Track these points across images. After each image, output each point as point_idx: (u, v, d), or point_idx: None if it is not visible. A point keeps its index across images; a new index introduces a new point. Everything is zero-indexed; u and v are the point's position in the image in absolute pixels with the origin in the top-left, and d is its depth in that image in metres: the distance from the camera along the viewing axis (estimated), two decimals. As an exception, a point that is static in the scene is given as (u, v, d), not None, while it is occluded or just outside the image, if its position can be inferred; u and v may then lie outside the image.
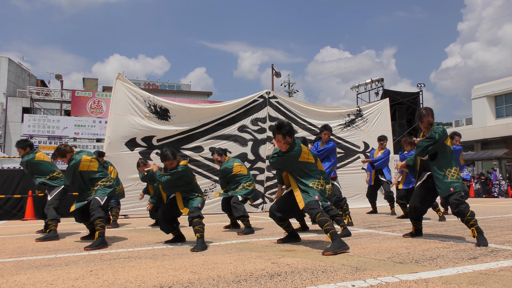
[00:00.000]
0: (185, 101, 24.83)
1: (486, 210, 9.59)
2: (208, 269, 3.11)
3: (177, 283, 2.66)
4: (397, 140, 19.30)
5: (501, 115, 26.32)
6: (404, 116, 25.03)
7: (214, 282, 2.68)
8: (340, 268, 3.02)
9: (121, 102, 8.51)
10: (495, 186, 19.13)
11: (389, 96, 19.58)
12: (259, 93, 9.95)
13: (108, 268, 3.25)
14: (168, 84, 42.80)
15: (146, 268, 3.19)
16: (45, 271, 3.19)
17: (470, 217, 4.06)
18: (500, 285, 2.48)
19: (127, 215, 8.76)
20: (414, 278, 2.66)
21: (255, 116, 9.76)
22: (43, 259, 3.78)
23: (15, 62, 30.07)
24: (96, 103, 25.15)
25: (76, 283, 2.74)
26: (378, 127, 11.12)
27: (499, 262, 3.16)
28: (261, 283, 2.61)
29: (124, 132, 8.36)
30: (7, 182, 9.11)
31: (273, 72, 31.11)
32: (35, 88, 29.76)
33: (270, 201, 9.77)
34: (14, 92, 28.36)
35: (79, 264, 3.46)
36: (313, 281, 2.63)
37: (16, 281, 2.84)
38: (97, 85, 34.86)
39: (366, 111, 11.21)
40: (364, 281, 2.61)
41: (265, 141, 9.77)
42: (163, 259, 3.62)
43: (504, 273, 2.78)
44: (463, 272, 2.83)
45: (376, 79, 26.44)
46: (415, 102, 25.39)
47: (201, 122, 9.17)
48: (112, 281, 2.78)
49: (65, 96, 29.01)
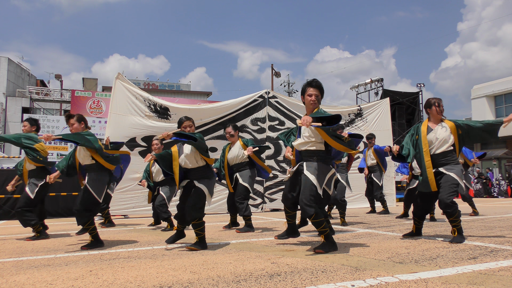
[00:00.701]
0: (185, 101, 24.85)
1: (485, 210, 9.61)
2: (208, 269, 3.11)
3: (177, 283, 2.66)
4: (397, 140, 19.32)
5: (501, 115, 26.31)
6: (403, 116, 25.05)
7: (214, 282, 2.68)
8: (339, 268, 3.02)
9: (121, 102, 8.51)
10: (495, 186, 19.15)
11: (389, 96, 19.57)
12: (259, 92, 9.96)
13: (108, 268, 3.24)
14: (168, 84, 42.82)
15: (146, 268, 3.18)
16: (44, 271, 3.18)
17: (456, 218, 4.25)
18: (499, 285, 2.48)
19: (127, 215, 8.76)
20: (414, 278, 2.66)
21: (255, 116, 9.77)
22: (43, 259, 3.78)
23: (15, 62, 30.06)
24: (96, 103, 25.16)
25: (75, 283, 2.74)
26: (378, 127, 11.13)
27: (499, 262, 3.16)
28: (261, 283, 2.61)
29: (124, 132, 8.36)
30: (6, 182, 9.06)
31: (272, 72, 31.11)
32: (35, 88, 29.76)
33: (270, 201, 9.77)
34: (13, 92, 28.35)
35: (78, 264, 3.46)
36: (313, 281, 2.63)
37: (16, 281, 2.84)
38: (96, 85, 34.87)
39: (366, 111, 11.22)
40: (363, 281, 2.61)
41: (264, 141, 9.77)
42: (163, 259, 3.62)
43: (503, 273, 2.78)
44: (462, 272, 2.83)
45: (376, 79, 26.46)
46: (414, 102, 25.42)
47: (203, 121, 9.17)
48: (112, 281, 2.78)
49: (64, 96, 29.02)
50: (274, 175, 9.81)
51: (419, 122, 4.43)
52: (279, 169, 9.85)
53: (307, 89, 3.96)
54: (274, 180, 9.81)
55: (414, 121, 24.52)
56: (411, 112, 25.27)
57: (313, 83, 3.96)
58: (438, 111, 4.48)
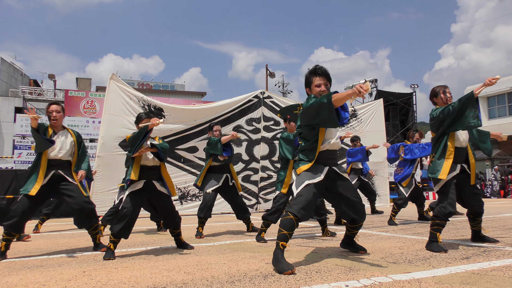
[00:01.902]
0: (179, 101, 24.75)
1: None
2: (202, 269, 3.11)
3: (171, 284, 2.65)
4: (390, 140, 19.39)
5: (494, 116, 26.54)
6: (397, 117, 25.12)
7: (208, 282, 2.67)
8: (333, 268, 3.03)
9: (115, 102, 8.47)
10: (488, 187, 19.29)
11: (383, 96, 19.66)
12: (254, 93, 9.96)
13: (102, 269, 3.23)
14: (162, 84, 42.68)
15: (140, 269, 3.17)
16: (37, 272, 3.16)
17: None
18: (492, 284, 2.49)
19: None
20: (407, 278, 2.67)
21: (250, 116, 9.76)
22: (36, 260, 3.75)
23: (8, 62, 29.82)
24: (90, 103, 25.00)
25: (69, 284, 2.72)
26: (372, 128, 11.18)
27: (491, 262, 3.18)
28: (255, 284, 2.61)
29: (118, 132, 8.32)
30: (3, 182, 9.03)
31: (267, 72, 31.11)
32: (28, 88, 29.51)
33: (264, 201, 9.77)
34: (6, 92, 28.11)
35: (72, 265, 3.43)
36: (307, 281, 2.63)
37: (8, 282, 2.81)
38: (90, 85, 34.65)
39: (360, 112, 11.26)
40: (357, 281, 2.61)
41: (259, 142, 9.77)
42: (157, 259, 3.61)
43: (496, 273, 2.80)
44: (455, 272, 2.84)
45: (370, 79, 26.54)
46: (408, 103, 25.50)
47: (197, 122, 9.14)
48: (105, 282, 2.76)
49: (58, 96, 28.80)
50: (268, 176, 9.81)
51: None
52: (273, 170, 9.85)
53: (313, 79, 3.41)
54: (269, 180, 9.81)
55: (408, 122, 24.61)
56: (405, 113, 25.34)
57: (318, 70, 3.42)
58: (444, 98, 4.09)
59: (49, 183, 4.09)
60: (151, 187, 4.08)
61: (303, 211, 3.12)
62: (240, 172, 9.42)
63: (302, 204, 3.14)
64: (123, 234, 3.84)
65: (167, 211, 4.17)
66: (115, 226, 3.82)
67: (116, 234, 3.80)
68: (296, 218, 3.09)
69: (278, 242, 3.06)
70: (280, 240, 3.06)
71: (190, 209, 8.81)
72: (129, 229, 3.89)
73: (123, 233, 3.84)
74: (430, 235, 3.88)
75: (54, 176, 4.11)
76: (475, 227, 4.30)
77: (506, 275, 2.75)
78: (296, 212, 3.09)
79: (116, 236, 3.81)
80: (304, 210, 3.13)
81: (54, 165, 4.13)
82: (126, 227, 3.84)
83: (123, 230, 3.82)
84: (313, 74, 3.43)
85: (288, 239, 3.07)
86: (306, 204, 3.14)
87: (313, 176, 3.28)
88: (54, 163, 4.13)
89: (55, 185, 4.15)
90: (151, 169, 4.10)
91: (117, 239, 3.82)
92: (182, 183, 8.91)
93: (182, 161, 9.01)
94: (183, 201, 8.95)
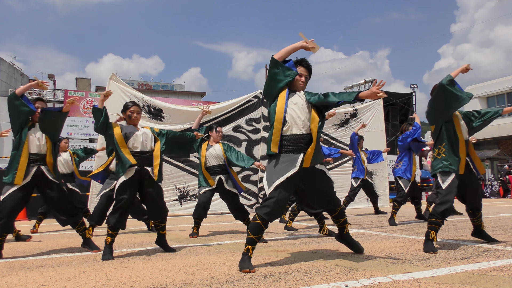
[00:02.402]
0: (179, 101, 24.75)
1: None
2: (202, 269, 3.11)
3: (171, 284, 2.65)
4: (390, 140, 19.39)
5: (493, 116, 26.55)
6: (397, 117, 25.11)
7: (208, 282, 2.67)
8: (333, 269, 3.03)
9: (114, 102, 8.45)
10: (487, 187, 19.30)
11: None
12: (254, 93, 9.95)
13: (101, 269, 3.23)
14: (162, 84, 42.66)
15: (139, 269, 3.17)
16: (37, 272, 3.16)
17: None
18: (492, 285, 2.50)
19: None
20: (407, 278, 2.67)
21: (250, 116, 9.76)
22: (35, 260, 3.75)
23: (7, 62, 29.82)
24: (89, 103, 24.99)
25: (68, 284, 2.72)
26: (372, 128, 11.17)
27: (491, 262, 3.19)
28: (255, 284, 2.61)
29: (117, 133, 8.30)
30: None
31: (267, 72, 31.11)
32: (28, 88, 29.48)
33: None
34: (6, 92, 28.09)
35: (71, 265, 3.43)
36: (307, 282, 2.63)
37: (8, 282, 2.81)
38: (90, 85, 34.66)
39: (360, 112, 11.27)
40: (357, 281, 2.61)
41: (259, 142, 9.77)
42: (156, 259, 3.61)
43: (495, 273, 2.80)
44: (455, 272, 2.85)
45: (370, 79, 26.55)
46: (408, 103, 25.50)
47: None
48: (105, 282, 2.76)
49: (57, 96, 28.77)
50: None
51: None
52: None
53: (297, 68, 3.47)
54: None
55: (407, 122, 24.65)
56: (405, 113, 25.32)
57: (303, 62, 3.49)
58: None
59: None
60: (144, 172, 3.96)
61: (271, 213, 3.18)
62: (240, 172, 9.41)
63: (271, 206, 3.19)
64: (120, 225, 3.83)
65: (155, 201, 4.01)
66: (111, 217, 3.80)
67: (113, 227, 3.79)
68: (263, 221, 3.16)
69: (245, 244, 3.17)
70: (247, 244, 3.15)
71: (190, 209, 8.78)
72: (125, 218, 3.89)
73: (120, 224, 3.83)
74: (426, 233, 3.89)
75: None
76: (475, 222, 4.32)
77: (505, 275, 2.75)
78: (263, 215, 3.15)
79: (114, 228, 3.79)
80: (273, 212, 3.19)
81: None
82: (122, 215, 3.82)
83: (120, 221, 3.81)
84: (298, 64, 3.51)
85: (255, 243, 3.16)
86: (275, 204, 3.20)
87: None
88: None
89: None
90: (142, 153, 3.99)
91: (115, 232, 3.81)
92: (182, 183, 8.91)
93: (181, 161, 9.01)
94: (182, 201, 8.95)
